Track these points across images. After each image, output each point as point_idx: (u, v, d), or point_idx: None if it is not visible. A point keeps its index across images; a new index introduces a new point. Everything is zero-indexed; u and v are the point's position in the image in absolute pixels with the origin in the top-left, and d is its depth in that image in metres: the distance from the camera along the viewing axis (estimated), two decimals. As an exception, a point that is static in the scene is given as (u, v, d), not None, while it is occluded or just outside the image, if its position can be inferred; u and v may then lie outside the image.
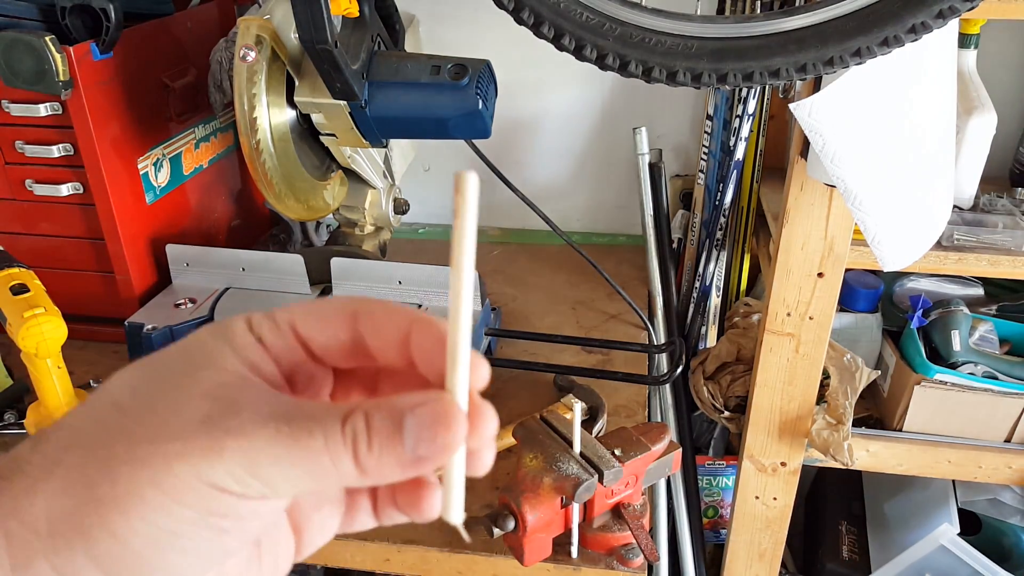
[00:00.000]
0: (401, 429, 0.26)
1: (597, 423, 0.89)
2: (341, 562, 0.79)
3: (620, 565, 0.72)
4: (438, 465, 0.26)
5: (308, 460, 0.25)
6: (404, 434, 0.25)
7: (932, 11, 0.63)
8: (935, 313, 1.07)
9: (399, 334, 0.28)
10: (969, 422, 1.06)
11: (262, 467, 0.25)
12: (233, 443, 0.25)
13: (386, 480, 0.26)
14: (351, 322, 0.29)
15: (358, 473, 0.26)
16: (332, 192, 1.04)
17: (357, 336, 0.29)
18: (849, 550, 1.30)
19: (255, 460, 0.25)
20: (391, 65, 0.88)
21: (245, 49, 0.84)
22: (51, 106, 0.91)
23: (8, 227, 1.02)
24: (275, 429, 0.25)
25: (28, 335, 0.74)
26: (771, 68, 0.67)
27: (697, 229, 1.26)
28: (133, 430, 0.26)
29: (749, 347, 1.14)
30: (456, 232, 0.26)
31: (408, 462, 0.26)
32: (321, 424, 0.25)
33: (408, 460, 0.26)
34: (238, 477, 0.25)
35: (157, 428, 0.25)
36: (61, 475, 0.25)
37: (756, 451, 1.08)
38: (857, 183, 0.77)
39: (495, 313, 1.06)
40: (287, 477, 0.25)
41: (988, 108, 0.98)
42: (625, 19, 0.69)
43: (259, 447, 0.25)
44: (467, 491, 0.28)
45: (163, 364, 0.28)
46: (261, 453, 0.25)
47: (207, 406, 0.26)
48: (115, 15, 0.88)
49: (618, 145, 1.33)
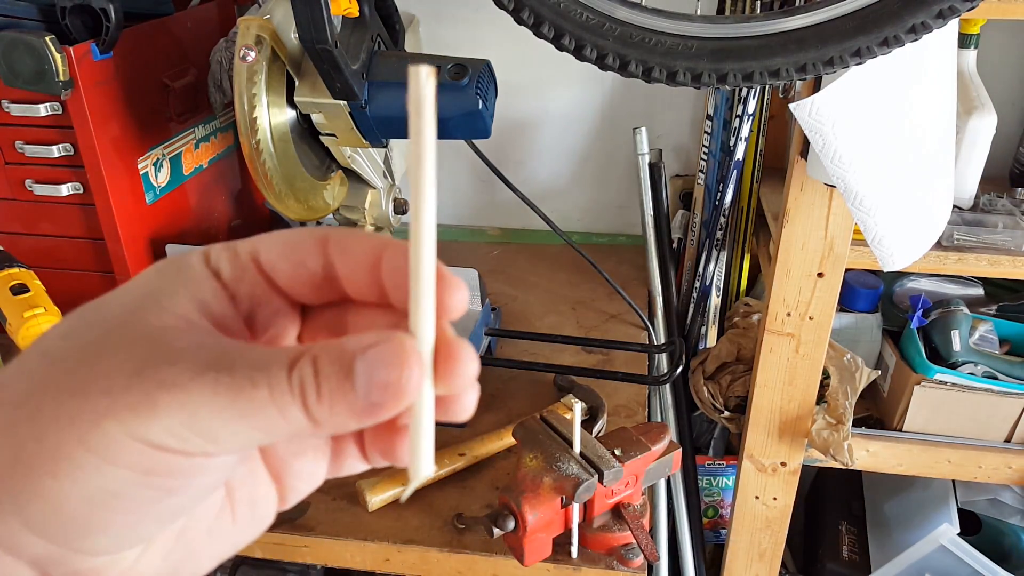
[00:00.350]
0: (351, 374, 0.23)
1: (597, 423, 0.89)
2: (341, 562, 0.79)
3: (620, 565, 0.72)
4: (396, 411, 0.23)
5: (253, 413, 0.23)
6: (355, 379, 0.23)
7: (932, 11, 0.63)
8: (935, 313, 1.07)
9: (370, 258, 0.26)
10: (969, 422, 1.06)
11: (203, 421, 0.22)
12: (167, 396, 0.22)
13: (343, 430, 0.24)
14: (320, 248, 0.26)
15: (310, 424, 0.23)
16: (332, 192, 1.04)
17: (327, 263, 0.26)
18: (849, 550, 1.30)
19: (194, 414, 0.22)
20: (391, 65, 0.88)
21: (245, 49, 0.84)
22: (51, 106, 0.91)
23: (8, 227, 1.02)
24: (214, 380, 0.23)
25: (28, 335, 0.74)
26: (771, 68, 0.67)
27: (697, 229, 1.26)
28: (61, 381, 0.23)
29: (749, 347, 1.14)
30: (414, 134, 0.23)
31: (362, 410, 0.23)
32: (266, 372, 0.23)
33: (362, 408, 0.23)
34: (176, 433, 0.22)
35: (85, 380, 0.23)
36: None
37: (756, 451, 1.08)
38: (857, 183, 0.77)
39: (495, 313, 1.06)
40: (232, 431, 0.23)
41: (988, 108, 0.98)
42: (625, 19, 0.69)
43: (197, 400, 0.22)
44: (467, 491, 0.27)
45: (102, 307, 0.25)
46: (200, 407, 0.22)
47: (142, 354, 0.23)
48: (115, 15, 0.88)
49: (618, 145, 1.33)
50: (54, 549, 0.24)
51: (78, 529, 0.23)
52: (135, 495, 0.23)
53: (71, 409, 0.23)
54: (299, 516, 0.80)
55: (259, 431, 0.23)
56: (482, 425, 0.90)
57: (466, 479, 0.82)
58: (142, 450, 0.23)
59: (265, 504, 0.29)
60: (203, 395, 0.22)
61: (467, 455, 0.82)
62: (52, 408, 0.23)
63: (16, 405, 0.23)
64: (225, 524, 0.28)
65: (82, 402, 0.23)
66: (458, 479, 0.82)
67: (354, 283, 0.27)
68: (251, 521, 0.29)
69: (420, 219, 0.24)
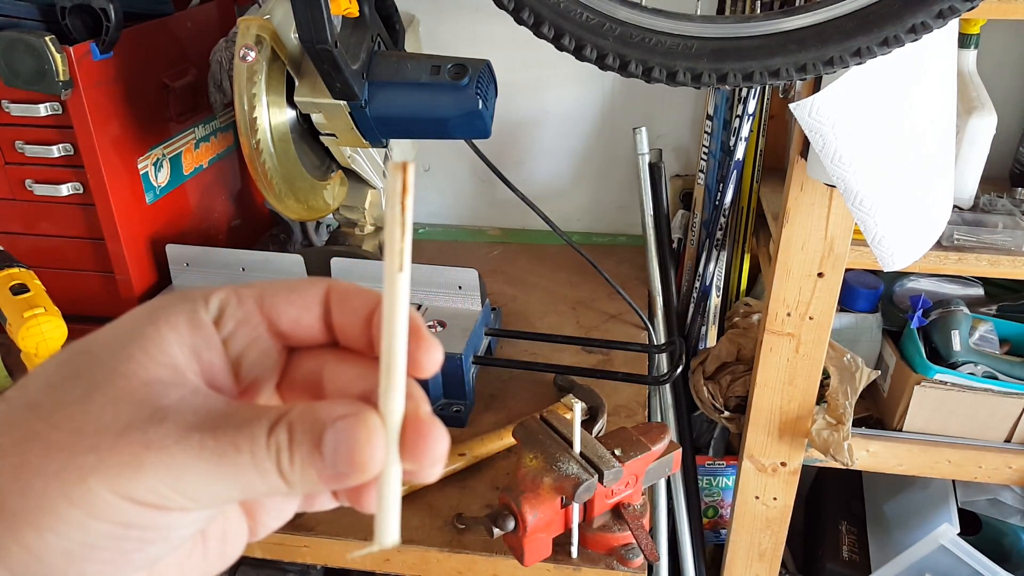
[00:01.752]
0: (320, 444, 0.24)
1: (597, 423, 0.89)
2: (341, 562, 0.79)
3: (620, 565, 0.72)
4: (362, 481, 0.25)
5: (235, 475, 0.24)
6: (323, 448, 0.24)
7: (932, 11, 0.63)
8: (935, 313, 1.07)
9: (366, 312, 0.27)
10: (969, 422, 1.06)
11: (185, 482, 0.24)
12: (154, 458, 0.23)
13: (315, 491, 0.25)
14: (322, 297, 0.28)
15: (285, 486, 0.24)
16: (332, 192, 1.04)
17: (326, 312, 0.28)
18: (849, 550, 1.30)
19: (178, 476, 0.23)
20: (391, 65, 0.88)
21: (245, 49, 0.84)
22: (51, 106, 0.91)
23: (8, 227, 1.02)
24: (199, 443, 0.24)
25: (28, 335, 0.74)
26: (771, 68, 0.67)
27: (697, 229, 1.26)
28: (48, 435, 0.24)
29: (749, 347, 1.14)
30: (389, 223, 0.24)
31: (329, 477, 0.24)
32: (248, 437, 0.24)
33: (329, 475, 0.24)
34: (158, 492, 0.23)
35: (73, 435, 0.24)
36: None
37: (756, 451, 1.08)
38: (857, 183, 0.77)
39: (495, 313, 1.06)
40: (212, 492, 0.24)
41: (988, 108, 0.98)
42: (625, 19, 0.69)
43: (182, 462, 0.23)
44: (467, 491, 0.27)
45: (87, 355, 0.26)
46: (185, 470, 0.23)
47: (129, 412, 0.24)
48: (115, 15, 0.88)
49: (618, 145, 1.33)
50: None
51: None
52: (115, 546, 0.24)
53: (57, 464, 0.23)
54: (299, 516, 0.80)
55: (238, 490, 0.24)
56: (482, 425, 0.90)
57: (466, 479, 0.82)
58: (125, 506, 0.23)
59: (236, 538, 0.30)
60: (188, 458, 0.23)
61: (467, 455, 0.82)
62: (38, 462, 0.23)
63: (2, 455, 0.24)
64: (196, 559, 0.29)
65: (68, 458, 0.23)
66: (458, 479, 0.82)
67: (347, 333, 0.28)
68: (221, 555, 0.30)
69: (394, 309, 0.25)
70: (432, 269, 0.96)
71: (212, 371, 0.27)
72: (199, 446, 0.24)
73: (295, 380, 0.30)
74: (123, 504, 0.23)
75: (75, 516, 0.23)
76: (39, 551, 0.23)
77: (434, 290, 0.97)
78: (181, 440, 0.24)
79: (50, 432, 0.24)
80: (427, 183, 1.42)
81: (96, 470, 0.23)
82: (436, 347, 0.27)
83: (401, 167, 0.24)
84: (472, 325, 0.93)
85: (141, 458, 0.23)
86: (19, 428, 0.24)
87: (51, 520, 0.23)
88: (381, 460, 0.25)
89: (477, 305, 0.97)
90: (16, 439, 0.24)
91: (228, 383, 0.28)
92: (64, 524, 0.23)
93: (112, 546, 0.24)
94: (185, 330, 0.26)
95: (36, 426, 0.24)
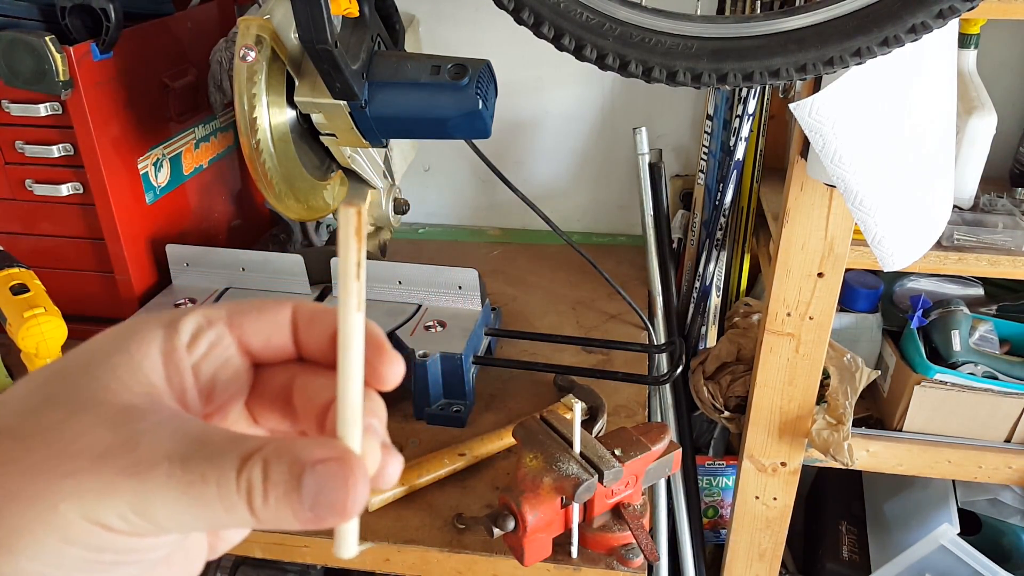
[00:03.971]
0: (299, 486, 0.24)
1: (597, 423, 0.89)
2: (341, 562, 0.79)
3: (620, 565, 0.72)
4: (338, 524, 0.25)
5: (201, 506, 0.24)
6: (302, 491, 0.24)
7: (932, 11, 0.63)
8: (935, 313, 1.07)
9: (330, 331, 0.28)
10: (969, 422, 1.06)
11: (152, 509, 0.24)
12: (125, 483, 0.23)
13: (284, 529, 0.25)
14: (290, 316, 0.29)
15: (253, 521, 0.24)
16: (332, 192, 1.04)
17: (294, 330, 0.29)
18: (849, 550, 1.30)
19: (145, 501, 0.23)
20: (391, 65, 0.88)
21: (245, 49, 0.84)
22: (51, 106, 0.91)
23: (8, 227, 1.02)
24: (167, 473, 0.24)
25: (28, 335, 0.74)
26: (771, 68, 0.67)
27: (697, 229, 1.26)
28: (24, 459, 0.24)
29: (749, 347, 1.14)
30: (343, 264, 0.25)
31: (305, 520, 0.24)
32: (217, 469, 0.24)
33: (306, 517, 0.24)
34: (125, 517, 0.24)
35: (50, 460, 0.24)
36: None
37: (756, 451, 1.08)
38: (857, 183, 0.77)
39: (495, 313, 1.06)
40: (178, 521, 0.24)
41: (988, 108, 0.98)
42: (625, 19, 0.69)
43: (150, 489, 0.23)
44: (467, 491, 0.28)
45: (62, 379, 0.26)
46: (152, 496, 0.23)
47: (106, 438, 0.24)
48: (115, 15, 0.88)
49: (618, 145, 1.33)
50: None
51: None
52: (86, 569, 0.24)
53: (33, 489, 0.23)
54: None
55: (203, 522, 0.24)
56: (482, 425, 0.90)
57: (466, 479, 0.82)
58: (93, 530, 0.24)
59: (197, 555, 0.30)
60: (156, 484, 0.24)
61: (467, 455, 0.82)
62: (17, 486, 0.23)
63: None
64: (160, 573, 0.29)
65: (45, 484, 0.23)
66: (458, 479, 0.82)
67: (313, 351, 0.29)
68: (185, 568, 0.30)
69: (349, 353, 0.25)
70: (432, 269, 0.96)
71: (184, 395, 0.27)
72: (167, 474, 0.24)
73: (264, 394, 0.30)
74: (95, 529, 0.24)
75: (50, 541, 0.23)
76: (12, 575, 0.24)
77: (434, 290, 0.97)
78: (153, 467, 0.24)
79: (26, 456, 0.24)
80: (427, 183, 1.42)
81: (72, 495, 0.23)
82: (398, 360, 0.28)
83: (356, 211, 0.25)
84: (472, 325, 0.93)
85: (115, 484, 0.23)
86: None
87: (26, 544, 0.23)
88: (363, 503, 0.25)
89: (477, 305, 0.97)
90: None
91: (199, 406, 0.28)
92: (39, 549, 0.23)
93: (86, 568, 0.24)
94: (158, 356, 0.27)
95: (13, 451, 0.24)
